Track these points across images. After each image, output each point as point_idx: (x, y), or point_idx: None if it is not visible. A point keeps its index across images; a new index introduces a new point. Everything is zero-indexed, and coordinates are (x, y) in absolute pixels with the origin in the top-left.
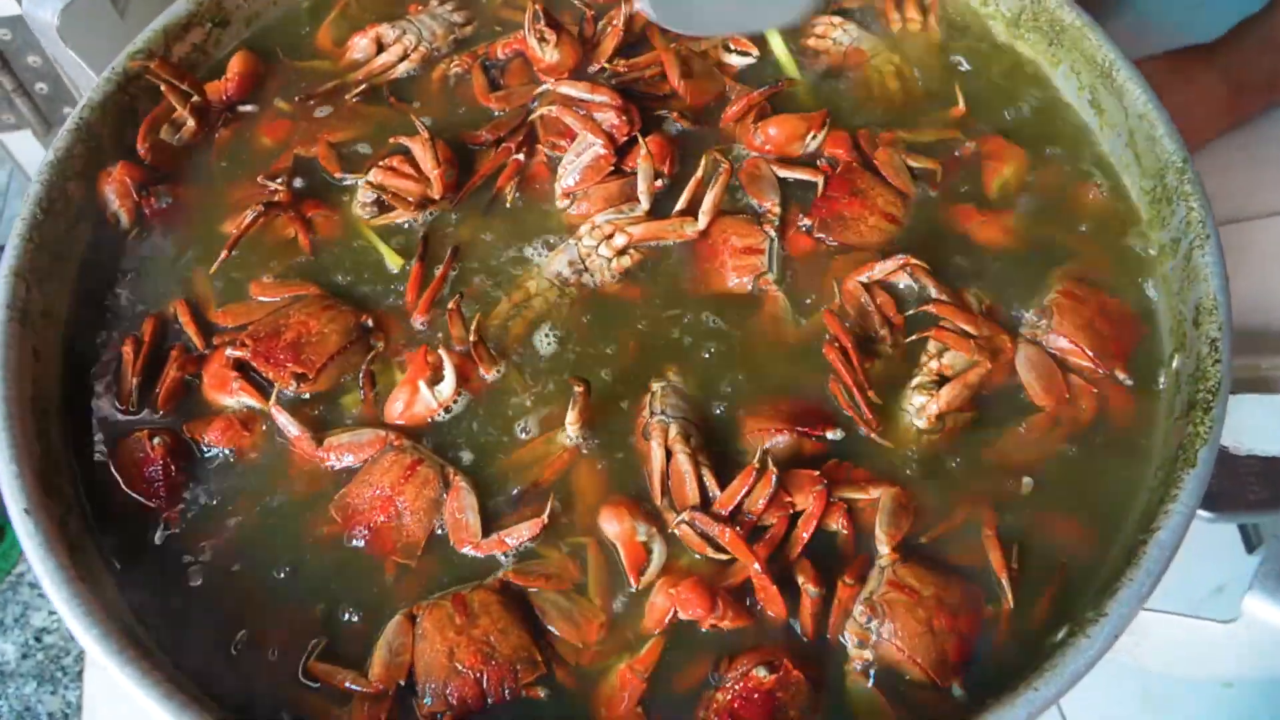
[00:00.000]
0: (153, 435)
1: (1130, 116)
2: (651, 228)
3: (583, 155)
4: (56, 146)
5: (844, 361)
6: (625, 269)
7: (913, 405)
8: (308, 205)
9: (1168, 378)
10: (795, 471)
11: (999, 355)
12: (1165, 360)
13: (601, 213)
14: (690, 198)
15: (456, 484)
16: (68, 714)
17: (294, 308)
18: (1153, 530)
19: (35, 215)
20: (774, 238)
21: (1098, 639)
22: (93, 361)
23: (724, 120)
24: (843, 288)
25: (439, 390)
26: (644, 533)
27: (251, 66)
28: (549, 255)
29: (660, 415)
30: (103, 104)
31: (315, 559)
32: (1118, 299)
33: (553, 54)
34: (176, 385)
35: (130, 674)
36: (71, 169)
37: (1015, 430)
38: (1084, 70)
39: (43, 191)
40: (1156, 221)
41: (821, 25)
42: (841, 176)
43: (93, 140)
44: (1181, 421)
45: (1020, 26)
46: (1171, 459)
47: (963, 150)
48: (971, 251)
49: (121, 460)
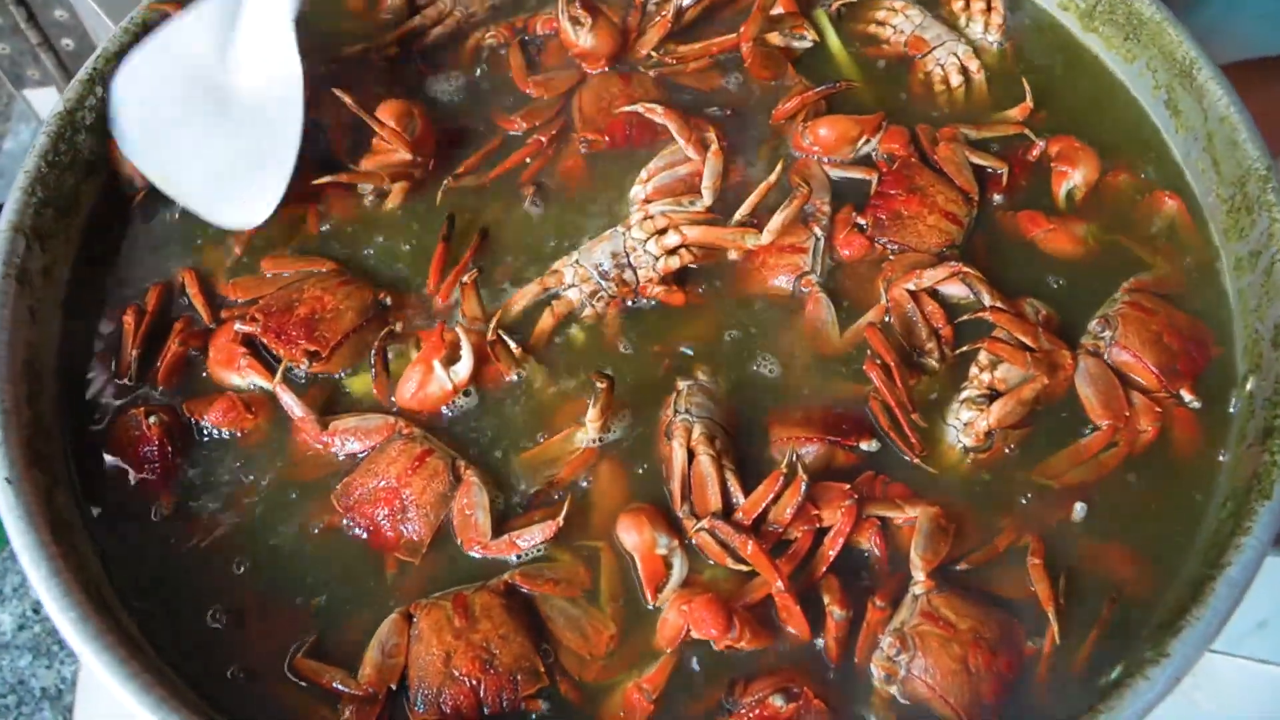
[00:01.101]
0: (149, 413)
1: (1210, 119)
2: (710, 233)
3: (675, 169)
4: (67, 97)
5: (887, 381)
6: (673, 271)
7: (959, 420)
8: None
9: (1240, 400)
10: (824, 484)
11: (1057, 371)
12: (1239, 381)
13: (656, 202)
14: (756, 203)
15: (468, 479)
16: (61, 690)
17: (309, 282)
18: (1222, 565)
19: (40, 168)
20: (820, 236)
21: (1159, 681)
22: (93, 329)
23: (775, 117)
24: (889, 294)
25: (454, 371)
26: (665, 546)
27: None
28: (589, 242)
29: (684, 414)
30: (119, 54)
31: (314, 550)
32: (1190, 315)
33: (587, 38)
34: (178, 360)
35: (106, 661)
36: (82, 121)
37: (1069, 449)
38: (1161, 68)
39: (49, 144)
40: (1234, 232)
41: (883, 10)
42: (899, 172)
43: (107, 92)
44: (1256, 449)
45: (1095, 19)
46: (1244, 489)
47: (1030, 150)
48: (1034, 261)
49: (116, 437)
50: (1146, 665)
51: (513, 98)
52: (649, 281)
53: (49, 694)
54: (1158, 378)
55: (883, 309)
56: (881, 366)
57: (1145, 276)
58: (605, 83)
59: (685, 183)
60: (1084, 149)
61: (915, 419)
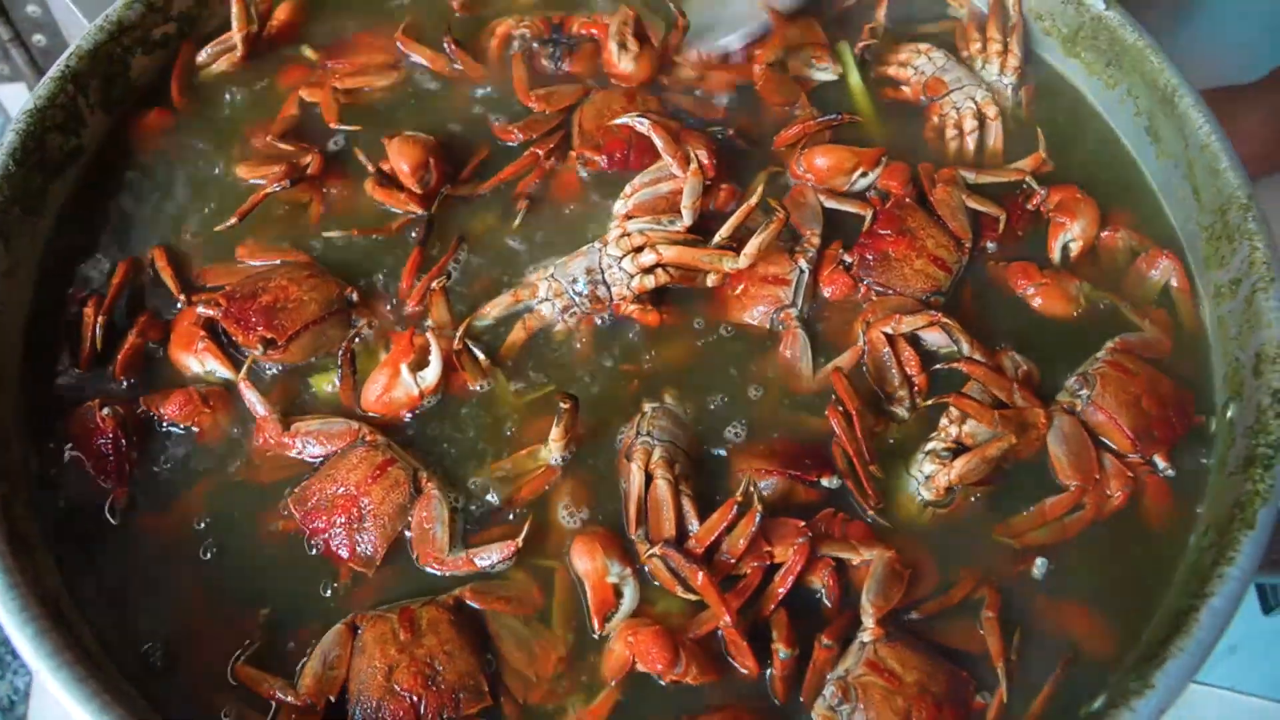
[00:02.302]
0: (104, 404)
1: (1190, 147)
2: (687, 254)
3: (658, 186)
4: (38, 95)
5: (847, 430)
6: (647, 290)
7: (921, 472)
8: (327, 176)
9: (1220, 427)
10: (780, 519)
11: (1028, 430)
12: (1218, 410)
13: (636, 219)
14: (736, 225)
15: (429, 491)
16: (14, 701)
17: (278, 272)
18: (1205, 595)
19: (7, 167)
20: (804, 269)
21: (1143, 713)
22: (58, 326)
23: (776, 143)
24: (867, 336)
25: (422, 376)
26: (616, 573)
27: (298, 15)
28: (566, 256)
29: (646, 437)
30: (93, 53)
31: (267, 554)
32: (1173, 381)
33: (629, 64)
34: (137, 352)
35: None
36: (53, 119)
37: (1033, 509)
38: (1143, 95)
39: (18, 141)
40: (1214, 259)
41: (906, 51)
42: (891, 211)
43: (80, 90)
44: (1238, 478)
45: (1077, 44)
46: (1225, 519)
47: (1031, 198)
48: (1021, 314)
49: (73, 431)
50: (1131, 696)
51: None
52: (623, 299)
53: (0, 704)
54: (1132, 442)
55: (858, 351)
56: (843, 414)
57: (1132, 337)
58: (608, 99)
59: (668, 200)
60: (1086, 200)
61: (873, 470)
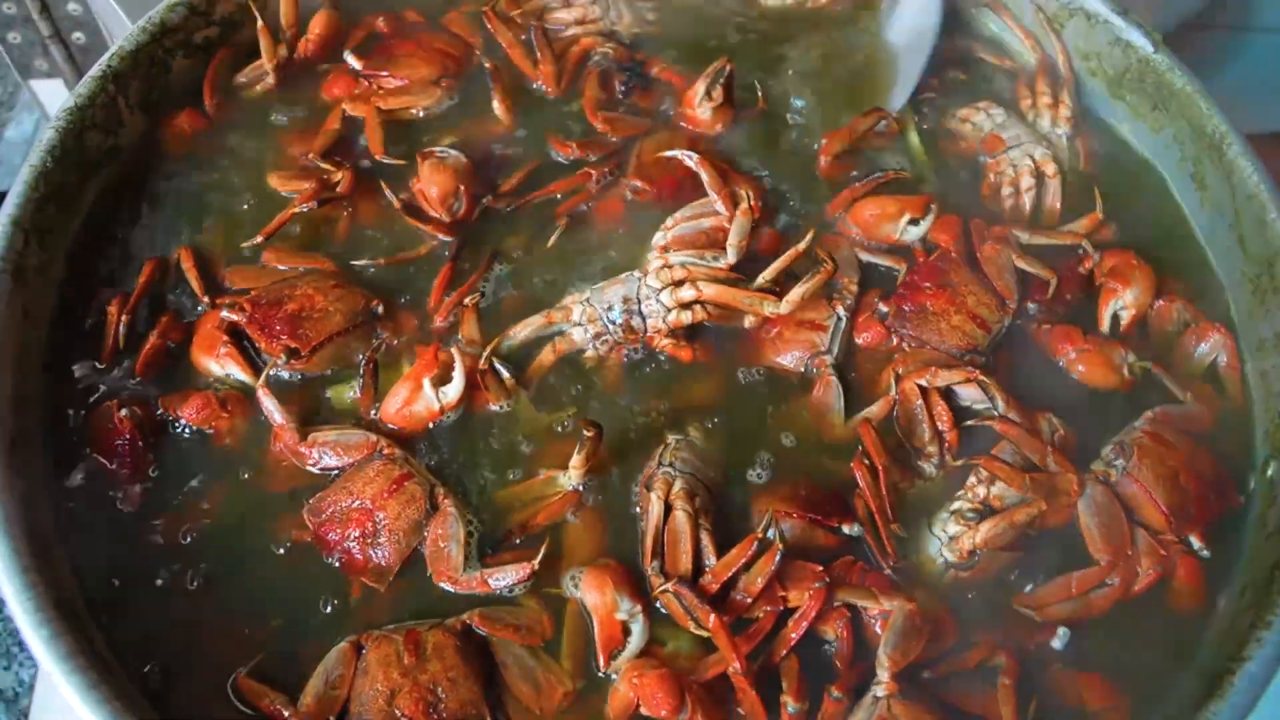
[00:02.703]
0: (122, 405)
1: (1238, 196)
2: (728, 293)
3: (700, 220)
4: (78, 93)
5: (871, 485)
6: (683, 325)
7: (945, 533)
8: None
9: (1259, 484)
10: (797, 562)
11: (1059, 496)
12: (1258, 467)
13: (679, 252)
14: (781, 269)
15: (445, 508)
16: (19, 693)
17: (304, 280)
18: (1242, 659)
19: (45, 163)
20: (842, 317)
21: None
22: (84, 322)
23: (829, 210)
24: (900, 387)
25: (444, 392)
26: (626, 610)
27: (334, 29)
28: (604, 282)
29: (668, 468)
30: (134, 53)
31: (279, 565)
32: (1214, 457)
33: (706, 112)
34: (157, 353)
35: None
36: (91, 118)
37: (1059, 580)
38: (1189, 141)
39: (57, 139)
40: (1259, 312)
41: (966, 108)
42: (935, 263)
43: (120, 90)
44: (1275, 539)
45: (1123, 86)
46: (1264, 580)
47: (1084, 262)
48: (1061, 379)
49: (92, 430)
50: None
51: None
52: (656, 332)
53: (5, 696)
54: (1167, 518)
55: (890, 402)
56: (869, 468)
57: (1172, 409)
58: (672, 138)
59: (707, 236)
60: (1141, 268)
61: (895, 529)
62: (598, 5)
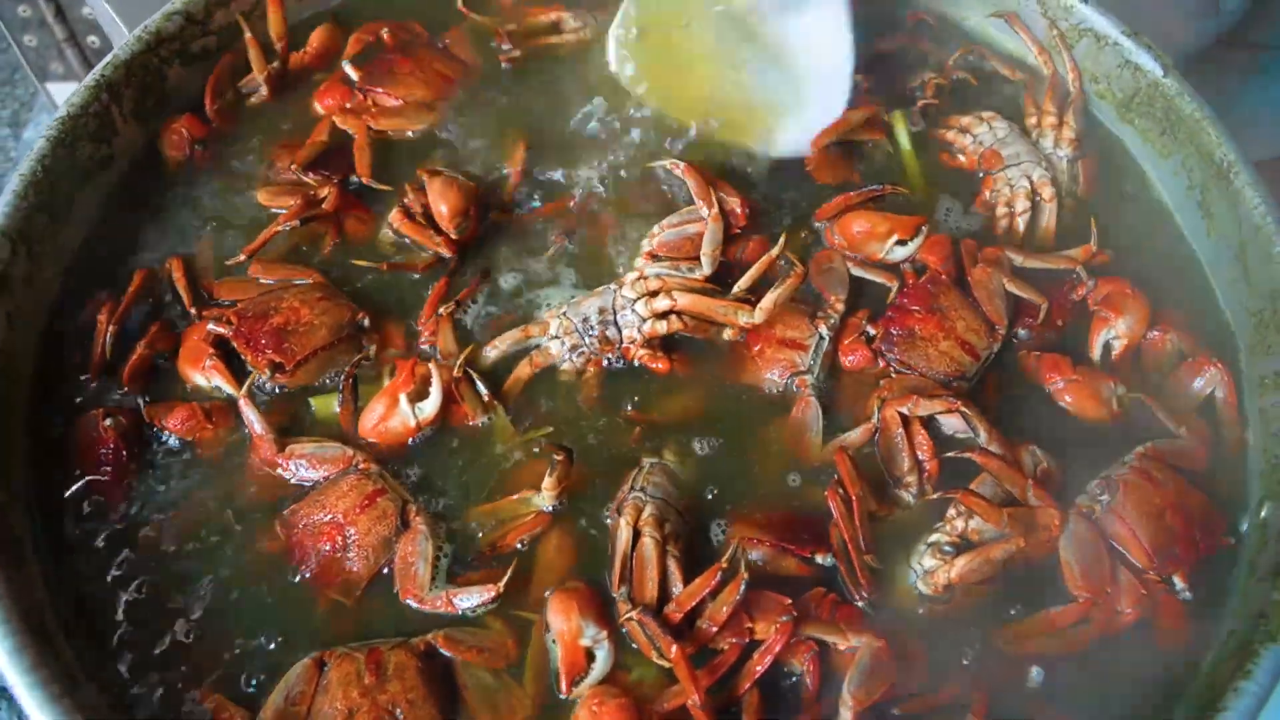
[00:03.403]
0: (107, 414)
1: (1244, 228)
2: (703, 302)
3: (684, 226)
4: (71, 102)
5: (845, 515)
6: (658, 335)
7: (921, 565)
8: (345, 207)
9: (1252, 526)
10: (765, 593)
11: (1038, 532)
12: (1252, 508)
13: (654, 264)
14: (755, 277)
15: (415, 525)
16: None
17: (290, 292)
18: (1219, 709)
19: (35, 173)
20: (824, 335)
21: None
22: (73, 329)
23: (818, 215)
24: (881, 414)
25: (420, 408)
26: (590, 636)
27: (332, 41)
28: (581, 296)
29: (639, 493)
30: (128, 63)
31: (251, 575)
32: (1204, 497)
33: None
34: (144, 363)
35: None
36: (84, 127)
37: (1036, 617)
38: (1197, 168)
39: (48, 149)
40: (1260, 348)
41: (969, 118)
42: (924, 286)
43: (114, 99)
44: (1265, 585)
45: (1132, 110)
46: (1249, 627)
47: (1077, 289)
48: (1049, 409)
49: (77, 440)
50: None
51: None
52: (632, 342)
53: None
54: (1150, 558)
55: (870, 430)
56: (843, 497)
57: (1164, 444)
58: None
59: (692, 242)
60: (1136, 297)
61: (868, 560)
62: (588, 29)
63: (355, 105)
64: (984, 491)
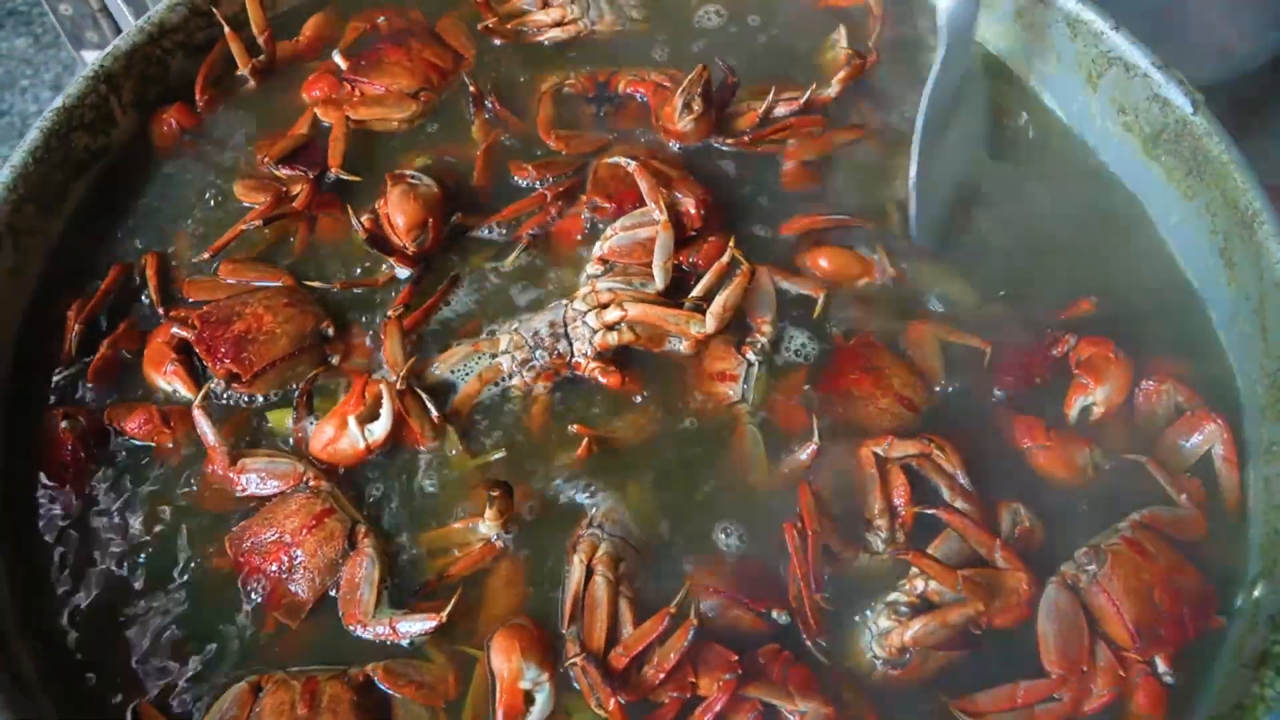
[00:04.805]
0: (66, 415)
1: (1266, 281)
2: (653, 312)
3: (637, 230)
4: (68, 93)
5: (799, 550)
6: (609, 346)
7: (876, 625)
8: (319, 203)
9: (1245, 604)
10: (711, 645)
11: (1006, 596)
12: (1247, 584)
13: (606, 278)
14: (709, 286)
15: (362, 548)
16: None
17: (257, 296)
18: None
19: (27, 164)
20: (753, 362)
21: None
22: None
23: (783, 229)
24: (858, 451)
25: (370, 430)
26: (531, 679)
27: (326, 30)
28: (532, 313)
29: (594, 530)
30: (129, 54)
31: (201, 590)
32: (1197, 571)
33: (689, 124)
34: (109, 362)
35: None
36: (80, 119)
37: (1003, 689)
38: (1221, 213)
39: (41, 140)
40: (1272, 411)
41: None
42: (856, 349)
43: (112, 90)
44: (1248, 673)
45: (1159, 147)
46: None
47: (1059, 344)
48: (1024, 471)
49: (38, 438)
50: None
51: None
52: (584, 356)
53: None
54: (1132, 637)
55: (815, 450)
56: (800, 531)
57: (1163, 512)
58: (630, 151)
59: (645, 248)
60: (1117, 362)
61: (818, 600)
62: (576, 5)
63: (339, 96)
64: (952, 548)
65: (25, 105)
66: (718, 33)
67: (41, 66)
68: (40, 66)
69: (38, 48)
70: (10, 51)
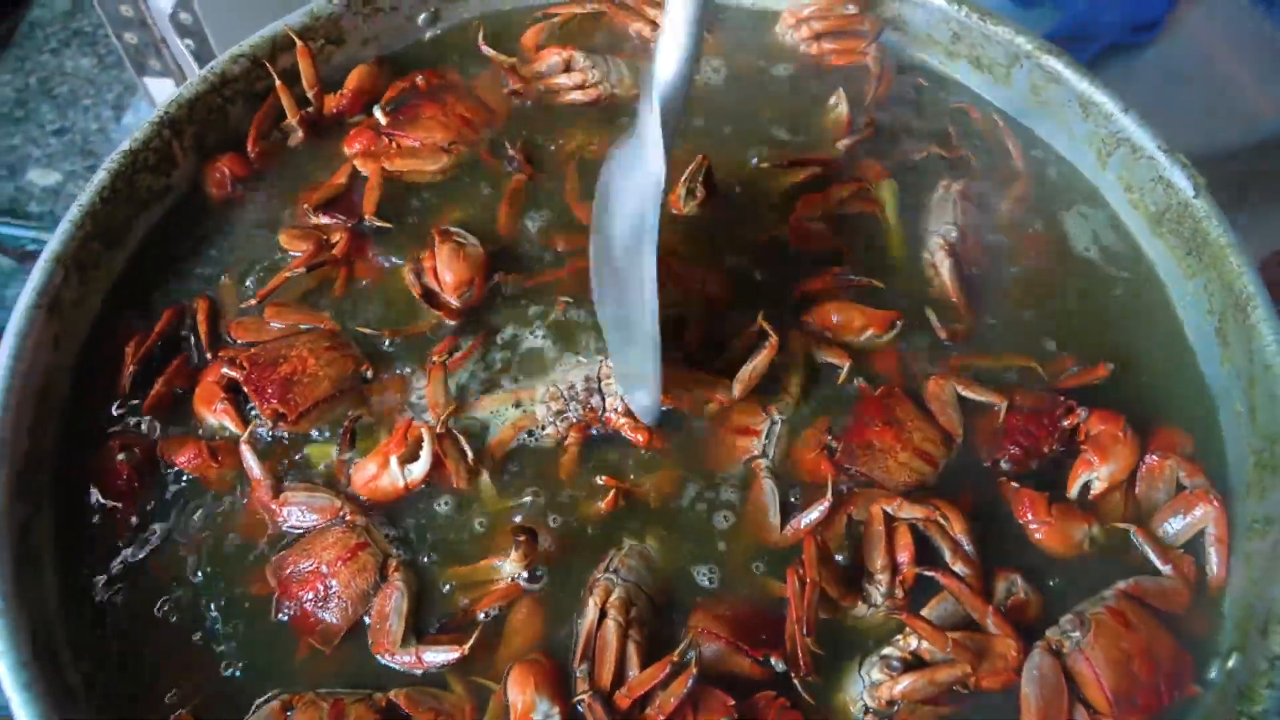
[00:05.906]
0: (123, 447)
1: (1255, 363)
2: (681, 375)
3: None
4: (135, 137)
5: (798, 594)
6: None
7: (868, 677)
8: (358, 249)
9: (1220, 675)
10: (709, 690)
11: (994, 660)
12: (1223, 654)
13: None
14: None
15: (393, 581)
16: None
17: (301, 339)
18: None
19: (94, 202)
20: (777, 420)
21: None
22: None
23: (797, 291)
24: (869, 508)
25: (410, 470)
26: (543, 712)
27: (369, 83)
28: (570, 366)
29: (610, 574)
30: (193, 102)
31: (241, 614)
32: (1175, 641)
33: (693, 210)
34: (163, 398)
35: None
36: (144, 161)
37: None
38: (1218, 294)
39: (108, 180)
40: (1256, 489)
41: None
42: (878, 400)
43: (175, 135)
44: None
45: (1162, 225)
46: None
47: (1070, 416)
48: (1025, 544)
49: (96, 468)
50: None
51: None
52: (615, 412)
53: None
54: (1110, 704)
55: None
56: (800, 577)
57: (1148, 582)
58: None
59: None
60: (1125, 442)
61: (810, 643)
62: (598, 70)
63: (379, 149)
64: (948, 608)
65: (87, 124)
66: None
67: (104, 87)
68: (103, 87)
69: (101, 68)
70: (75, 70)
